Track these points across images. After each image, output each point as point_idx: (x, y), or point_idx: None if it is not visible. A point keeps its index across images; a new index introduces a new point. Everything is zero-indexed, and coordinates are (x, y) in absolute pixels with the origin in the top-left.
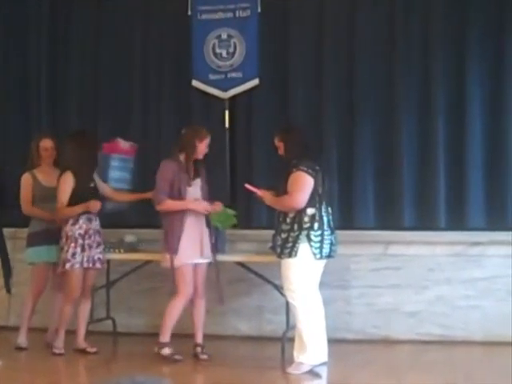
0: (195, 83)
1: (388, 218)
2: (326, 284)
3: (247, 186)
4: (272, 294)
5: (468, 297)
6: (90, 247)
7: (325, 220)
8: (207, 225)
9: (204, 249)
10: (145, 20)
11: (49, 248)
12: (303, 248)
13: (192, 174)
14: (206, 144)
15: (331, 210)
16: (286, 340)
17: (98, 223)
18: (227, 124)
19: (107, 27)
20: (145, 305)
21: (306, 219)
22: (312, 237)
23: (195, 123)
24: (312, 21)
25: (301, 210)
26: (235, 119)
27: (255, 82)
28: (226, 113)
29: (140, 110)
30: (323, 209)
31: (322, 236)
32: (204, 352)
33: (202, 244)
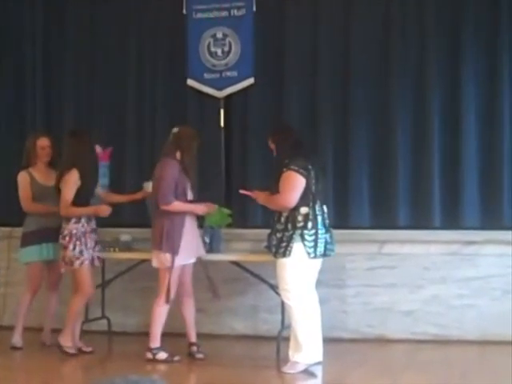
0: (190, 82)
1: (383, 217)
2: (322, 283)
3: (242, 192)
4: (267, 294)
5: (463, 296)
6: (90, 246)
7: (319, 219)
8: (199, 225)
9: (197, 249)
10: (140, 19)
11: (43, 247)
12: (297, 247)
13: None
14: (198, 144)
15: (327, 209)
16: (281, 339)
17: (95, 222)
18: (222, 123)
19: (102, 26)
20: (140, 304)
21: (300, 218)
22: (306, 236)
23: (190, 122)
24: (307, 20)
25: (294, 210)
26: (230, 118)
27: (250, 81)
28: (221, 112)
29: (135, 109)
30: (317, 207)
31: (316, 235)
32: (199, 351)
33: (197, 245)
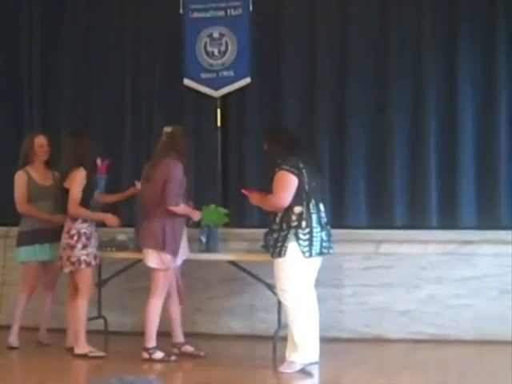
0: (187, 82)
1: (380, 217)
2: (319, 282)
3: (244, 191)
4: (264, 293)
5: (459, 296)
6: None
7: (313, 217)
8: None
9: (187, 250)
10: (136, 18)
11: (39, 247)
12: (292, 247)
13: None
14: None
15: (323, 207)
16: (278, 339)
17: (95, 222)
18: (219, 123)
19: (99, 26)
20: (136, 303)
21: (294, 218)
22: (300, 235)
23: (187, 122)
24: (304, 19)
25: (288, 209)
26: (227, 118)
27: (247, 81)
28: (218, 111)
29: (131, 109)
30: (311, 206)
31: (311, 234)
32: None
33: (187, 245)
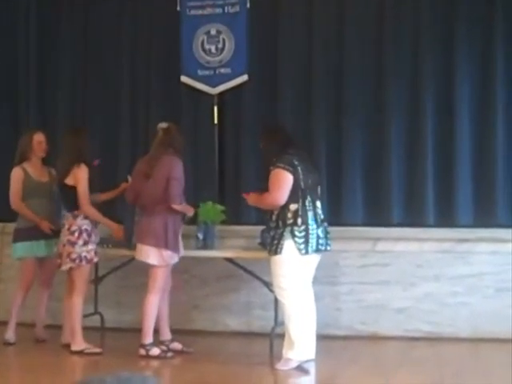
0: (184, 79)
1: (376, 215)
2: (315, 280)
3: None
4: (261, 290)
5: (456, 293)
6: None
7: (309, 215)
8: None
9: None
10: (133, 16)
11: (35, 243)
12: (288, 244)
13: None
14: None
15: (320, 204)
16: (275, 336)
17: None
18: (216, 120)
19: (96, 24)
20: (133, 300)
21: (289, 215)
22: (296, 232)
23: (184, 119)
24: (301, 17)
25: (284, 207)
26: (224, 115)
27: (244, 78)
28: (215, 109)
29: (129, 106)
30: (307, 203)
31: (307, 231)
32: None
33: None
